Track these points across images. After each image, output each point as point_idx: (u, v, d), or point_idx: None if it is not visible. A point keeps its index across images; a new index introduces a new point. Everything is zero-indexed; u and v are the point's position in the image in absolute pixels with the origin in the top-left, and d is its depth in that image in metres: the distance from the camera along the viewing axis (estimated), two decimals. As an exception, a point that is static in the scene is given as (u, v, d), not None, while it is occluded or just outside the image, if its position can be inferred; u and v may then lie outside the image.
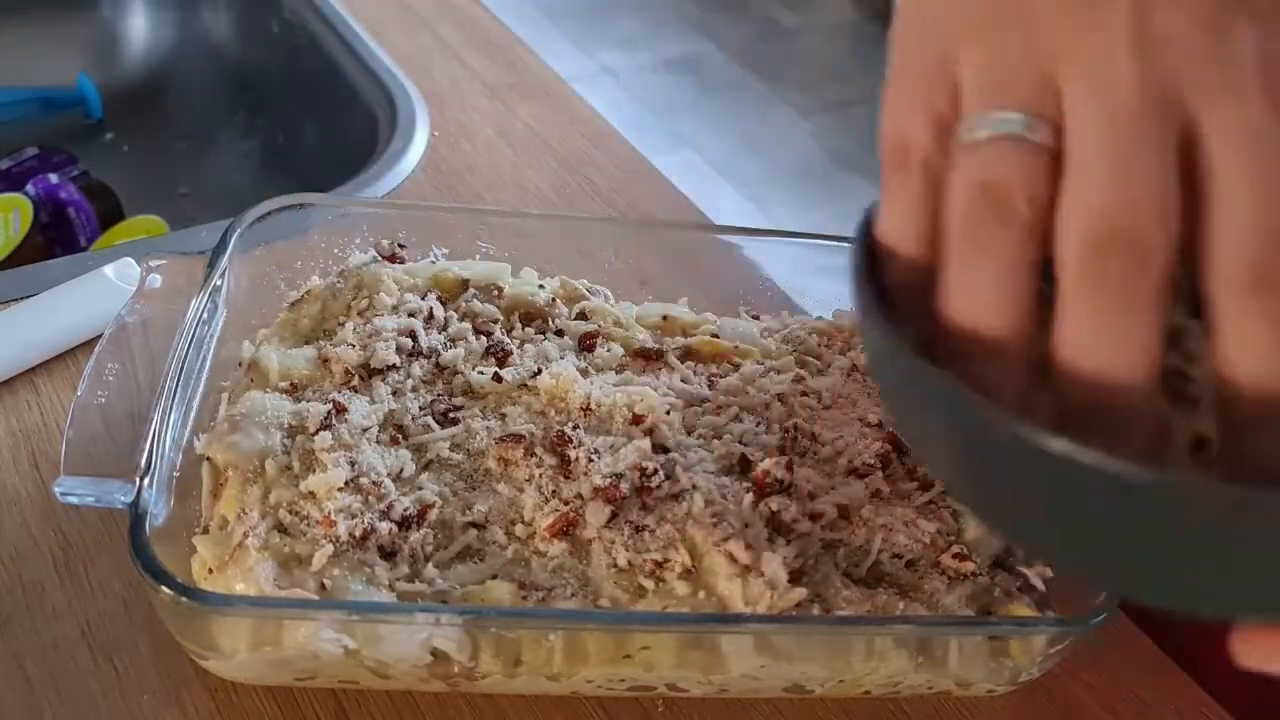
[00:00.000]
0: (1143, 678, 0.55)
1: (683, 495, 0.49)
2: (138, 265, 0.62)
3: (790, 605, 0.47)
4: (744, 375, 0.57)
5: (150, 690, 0.49)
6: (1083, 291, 0.32)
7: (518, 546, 0.49)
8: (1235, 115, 0.32)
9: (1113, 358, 0.32)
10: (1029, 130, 0.33)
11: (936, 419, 0.36)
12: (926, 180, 0.35)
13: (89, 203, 0.96)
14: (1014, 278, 0.34)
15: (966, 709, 0.52)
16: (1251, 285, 0.31)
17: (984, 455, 0.35)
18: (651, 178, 0.82)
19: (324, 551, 0.46)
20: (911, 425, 0.39)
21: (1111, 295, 0.32)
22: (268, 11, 1.01)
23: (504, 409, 0.54)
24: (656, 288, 0.63)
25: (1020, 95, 0.34)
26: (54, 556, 0.53)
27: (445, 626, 0.45)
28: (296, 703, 0.49)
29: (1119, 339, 0.32)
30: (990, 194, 0.34)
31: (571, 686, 0.48)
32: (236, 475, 0.49)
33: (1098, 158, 0.32)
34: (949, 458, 0.37)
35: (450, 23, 0.96)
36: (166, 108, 1.09)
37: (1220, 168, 0.32)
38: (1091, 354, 0.32)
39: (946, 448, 0.37)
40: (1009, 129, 0.34)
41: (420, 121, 0.84)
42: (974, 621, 0.49)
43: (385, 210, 0.66)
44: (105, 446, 0.48)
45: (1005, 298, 0.34)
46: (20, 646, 0.50)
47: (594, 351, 0.57)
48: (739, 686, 0.49)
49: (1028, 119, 0.34)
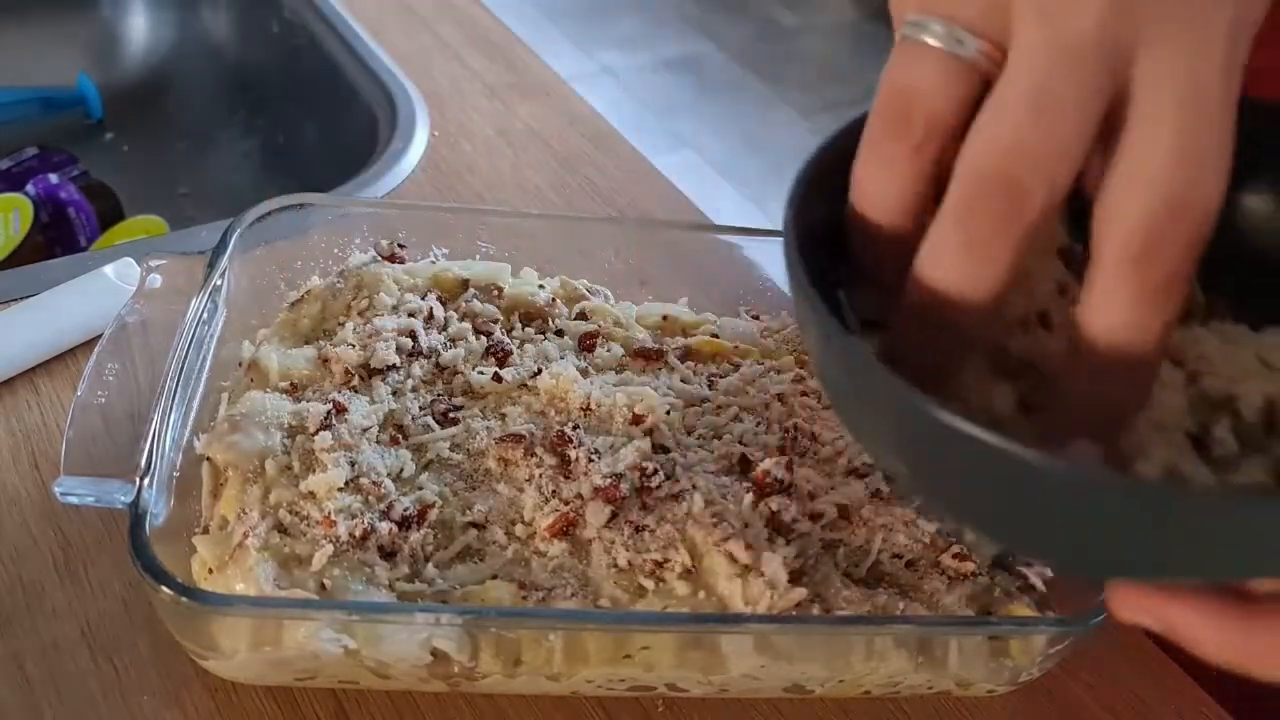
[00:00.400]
0: (1143, 678, 0.55)
1: (683, 495, 0.50)
2: (138, 265, 0.62)
3: (790, 605, 0.47)
4: (744, 375, 0.57)
5: (150, 690, 0.49)
6: (950, 220, 0.33)
7: (518, 546, 0.49)
8: (1170, 79, 0.32)
9: (956, 286, 0.33)
10: (949, 44, 0.33)
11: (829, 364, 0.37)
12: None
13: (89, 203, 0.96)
14: (898, 183, 0.34)
15: (966, 709, 0.52)
16: (1134, 257, 0.32)
17: (860, 399, 0.36)
18: (651, 178, 0.82)
19: (324, 551, 0.46)
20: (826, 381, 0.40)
21: (973, 236, 0.33)
22: (268, 11, 1.01)
23: (504, 409, 0.54)
24: (656, 288, 0.63)
25: (971, 10, 0.33)
26: (54, 556, 0.53)
27: (445, 626, 0.45)
28: (296, 703, 0.49)
29: (965, 273, 0.33)
30: (894, 104, 0.34)
31: (571, 686, 0.48)
32: (236, 475, 0.49)
33: (1020, 95, 0.32)
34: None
35: (450, 23, 0.96)
36: (166, 108, 1.09)
37: (1138, 125, 0.32)
38: (936, 274, 0.33)
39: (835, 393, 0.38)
40: (932, 39, 0.33)
41: (420, 121, 0.84)
42: (974, 621, 0.49)
43: (385, 210, 0.66)
44: (105, 446, 0.48)
45: (887, 199, 0.35)
46: (20, 646, 0.50)
47: (594, 351, 0.57)
48: (739, 686, 0.49)
49: (953, 32, 0.33)
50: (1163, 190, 0.31)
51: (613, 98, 2.53)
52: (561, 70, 0.95)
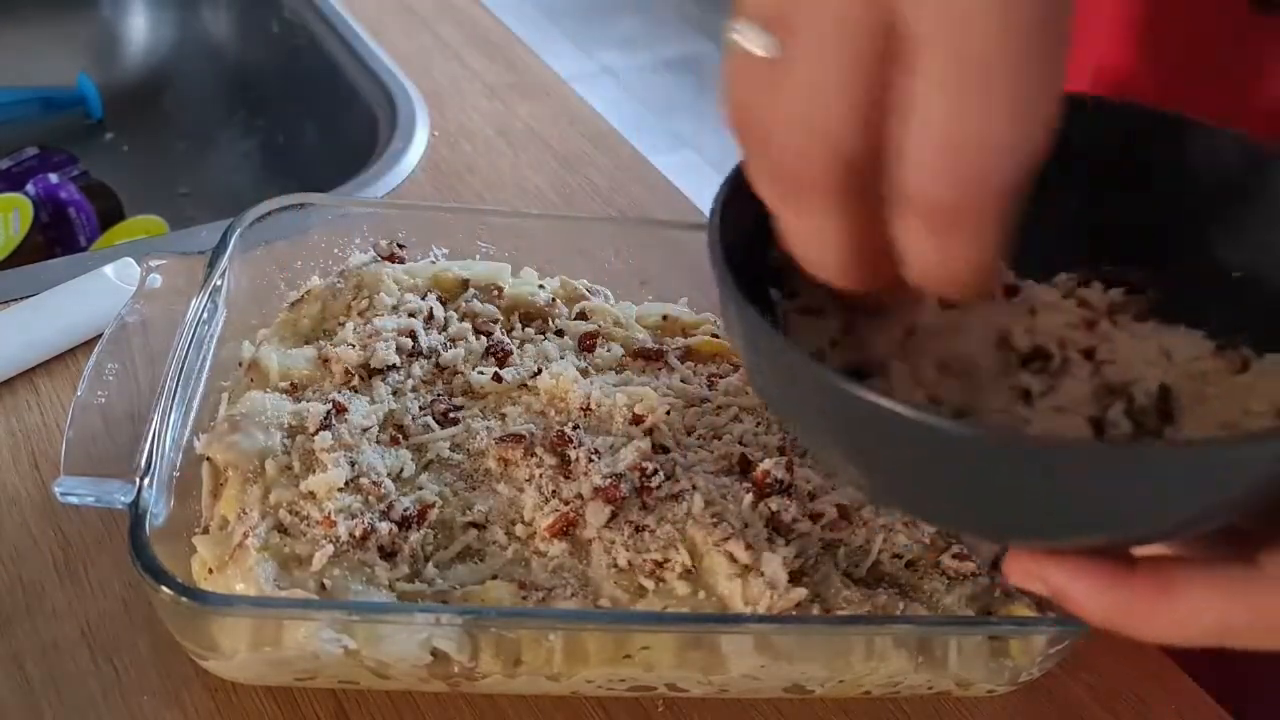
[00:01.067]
0: (1143, 678, 0.55)
1: (682, 495, 0.49)
2: (138, 265, 0.62)
3: (790, 605, 0.47)
4: (744, 375, 0.57)
5: (150, 690, 0.49)
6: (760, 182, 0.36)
7: (518, 546, 0.49)
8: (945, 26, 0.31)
9: (804, 242, 0.36)
10: (743, 39, 0.34)
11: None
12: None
13: (89, 203, 0.96)
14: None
15: (966, 709, 0.52)
16: (910, 197, 0.33)
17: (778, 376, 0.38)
18: (651, 178, 0.82)
19: (324, 551, 0.46)
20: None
21: (786, 195, 0.35)
22: (268, 11, 1.01)
23: (504, 409, 0.54)
24: (656, 288, 0.63)
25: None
26: (54, 556, 0.53)
27: (445, 626, 0.45)
28: (296, 703, 0.49)
29: (801, 227, 0.35)
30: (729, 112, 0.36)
31: (571, 686, 0.48)
32: (236, 475, 0.49)
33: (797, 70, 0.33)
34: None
35: (450, 23, 0.96)
36: (166, 108, 1.09)
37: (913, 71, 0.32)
38: (802, 253, 0.36)
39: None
40: (733, 38, 0.34)
41: (420, 121, 0.84)
42: (974, 621, 0.49)
43: (385, 210, 0.66)
44: (105, 446, 0.48)
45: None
46: (20, 646, 0.50)
47: (594, 351, 0.57)
48: (739, 686, 0.49)
49: (744, 28, 0.34)
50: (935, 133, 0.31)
51: (613, 98, 2.53)
52: (561, 70, 0.95)
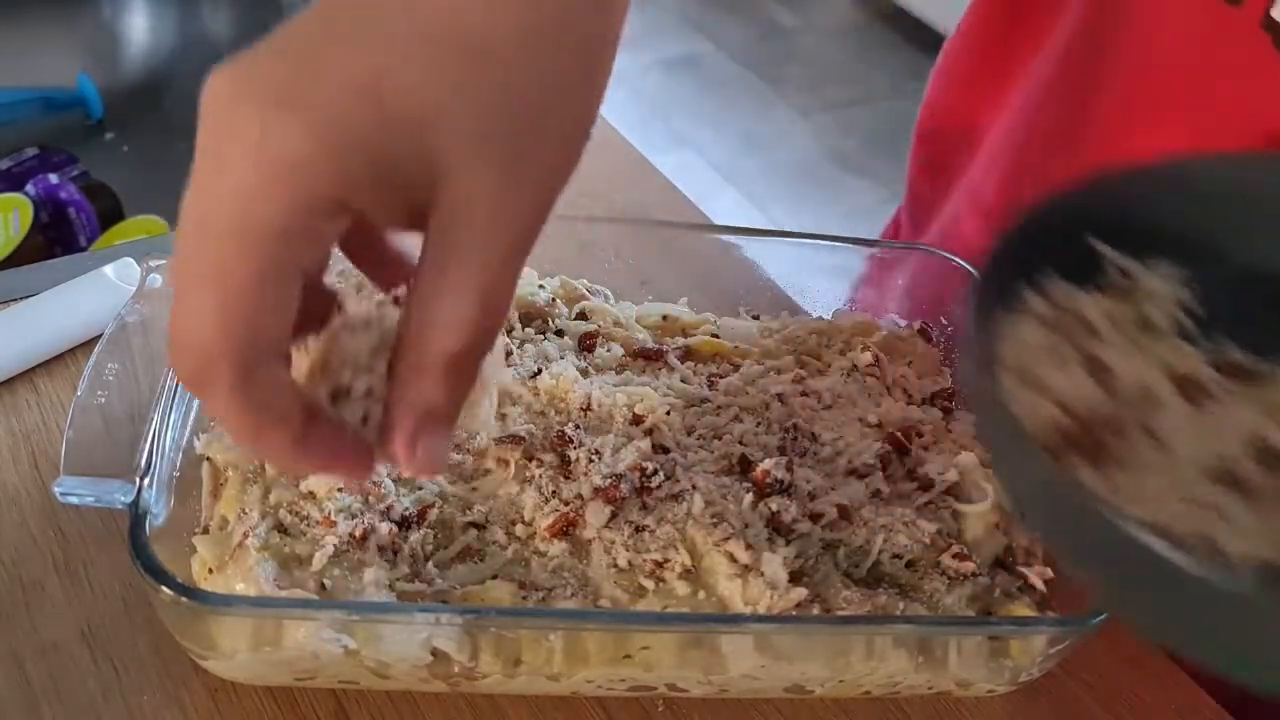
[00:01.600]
0: (1143, 678, 0.55)
1: (683, 495, 0.49)
2: (138, 265, 0.62)
3: (790, 605, 0.47)
4: (744, 375, 0.57)
5: (150, 690, 0.49)
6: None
7: (518, 546, 0.49)
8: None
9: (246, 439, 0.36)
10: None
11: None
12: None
13: (89, 203, 0.96)
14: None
15: (966, 709, 0.52)
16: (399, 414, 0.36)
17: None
18: (651, 178, 0.82)
19: (324, 551, 0.46)
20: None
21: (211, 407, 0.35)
22: (268, 11, 1.01)
23: (504, 409, 0.54)
24: (656, 288, 0.63)
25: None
26: (54, 556, 0.53)
27: (445, 626, 0.45)
28: (296, 703, 0.49)
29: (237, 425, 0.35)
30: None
31: (571, 686, 0.48)
32: (236, 475, 0.49)
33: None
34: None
35: (450, 23, 0.96)
36: (166, 108, 1.09)
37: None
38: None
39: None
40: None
41: (420, 121, 0.84)
42: (974, 621, 0.49)
43: (385, 210, 0.66)
44: (105, 446, 0.48)
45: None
46: (20, 646, 0.50)
47: (594, 351, 0.57)
48: (739, 686, 0.49)
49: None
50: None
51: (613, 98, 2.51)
52: (561, 70, 0.94)
